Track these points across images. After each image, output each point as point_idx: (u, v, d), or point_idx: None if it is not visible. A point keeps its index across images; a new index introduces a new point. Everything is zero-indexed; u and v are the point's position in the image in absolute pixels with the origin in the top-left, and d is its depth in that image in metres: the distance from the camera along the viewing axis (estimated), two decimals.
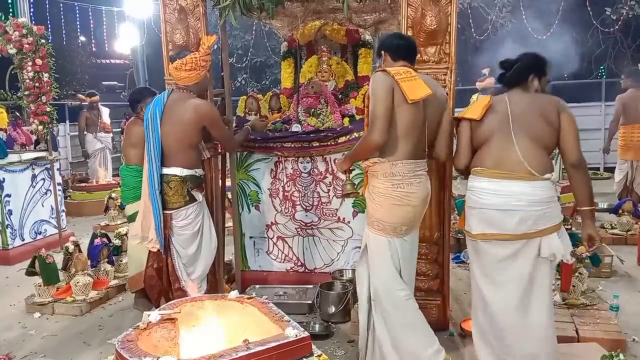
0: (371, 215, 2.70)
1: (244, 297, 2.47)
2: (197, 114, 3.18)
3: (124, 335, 2.13)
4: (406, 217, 2.65)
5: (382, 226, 2.65)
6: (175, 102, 3.23)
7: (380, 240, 2.68)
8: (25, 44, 5.42)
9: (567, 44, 10.17)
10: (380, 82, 2.57)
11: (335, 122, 4.18)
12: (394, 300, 2.69)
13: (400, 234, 2.67)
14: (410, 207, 2.64)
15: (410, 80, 2.58)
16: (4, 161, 5.56)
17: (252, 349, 1.93)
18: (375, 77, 2.62)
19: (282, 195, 4.25)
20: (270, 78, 13.91)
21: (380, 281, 2.71)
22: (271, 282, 4.27)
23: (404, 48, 2.77)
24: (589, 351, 3.00)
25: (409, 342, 2.68)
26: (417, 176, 2.65)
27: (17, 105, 6.31)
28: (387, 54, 2.77)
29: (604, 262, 4.43)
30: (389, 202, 2.62)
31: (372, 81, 2.62)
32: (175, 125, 3.20)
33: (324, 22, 4.68)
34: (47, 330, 3.88)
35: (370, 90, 2.60)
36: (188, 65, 3.22)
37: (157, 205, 3.23)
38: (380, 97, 2.55)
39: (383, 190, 2.63)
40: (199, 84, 3.33)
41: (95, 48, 15.29)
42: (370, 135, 2.56)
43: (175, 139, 3.22)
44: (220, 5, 3.46)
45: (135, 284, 3.95)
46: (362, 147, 2.67)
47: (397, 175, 2.61)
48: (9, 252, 5.54)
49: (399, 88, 2.54)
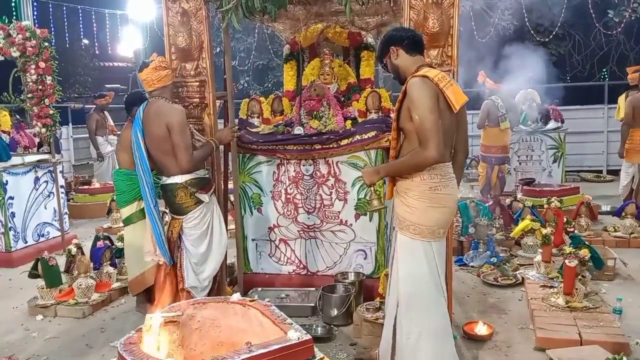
0: (404, 220, 2.60)
1: (246, 300, 2.47)
2: (164, 122, 3.21)
3: (127, 337, 2.13)
4: (443, 219, 2.60)
5: (419, 230, 2.56)
6: (152, 114, 3.28)
7: (416, 244, 2.59)
8: (28, 47, 5.44)
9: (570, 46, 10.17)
10: (424, 90, 2.44)
11: (337, 124, 4.18)
12: (427, 304, 2.61)
13: (437, 237, 2.61)
14: (447, 209, 2.60)
15: (451, 85, 2.48)
16: (7, 164, 5.58)
17: (255, 351, 1.93)
18: (415, 84, 2.46)
19: (284, 197, 4.25)
20: (273, 81, 13.91)
21: (411, 285, 2.61)
22: (273, 285, 4.27)
23: (419, 40, 2.67)
24: (592, 354, 2.99)
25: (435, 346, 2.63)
26: (451, 178, 2.62)
27: (20, 108, 6.32)
28: (399, 49, 2.61)
29: (607, 265, 4.42)
30: (425, 205, 2.54)
31: (413, 89, 2.46)
32: (156, 136, 3.26)
33: (327, 25, 4.69)
34: (49, 332, 3.88)
35: (412, 98, 2.45)
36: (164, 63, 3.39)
37: (154, 218, 3.29)
38: (428, 107, 2.41)
39: (419, 193, 2.54)
40: (169, 87, 3.38)
41: (98, 51, 15.34)
42: (427, 151, 2.41)
43: (161, 150, 3.28)
44: (222, 9, 3.47)
45: (136, 286, 3.95)
46: (415, 163, 2.50)
47: (435, 178, 2.54)
48: (12, 255, 5.55)
49: (443, 96, 2.46)
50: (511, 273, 4.56)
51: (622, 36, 11.38)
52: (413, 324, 2.62)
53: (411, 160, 2.51)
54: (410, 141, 2.58)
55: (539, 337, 3.33)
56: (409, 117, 2.51)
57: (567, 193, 6.48)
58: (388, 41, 2.67)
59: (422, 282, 2.60)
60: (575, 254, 3.73)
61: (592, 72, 12.23)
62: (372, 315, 3.47)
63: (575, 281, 3.69)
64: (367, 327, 3.43)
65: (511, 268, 4.69)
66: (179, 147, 3.20)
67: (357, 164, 4.05)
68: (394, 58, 2.65)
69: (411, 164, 2.52)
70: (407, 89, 2.51)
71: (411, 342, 2.61)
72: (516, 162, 8.30)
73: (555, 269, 4.31)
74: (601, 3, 10.81)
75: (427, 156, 2.43)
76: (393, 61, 2.66)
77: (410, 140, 2.57)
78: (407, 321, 2.62)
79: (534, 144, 8.24)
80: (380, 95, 4.25)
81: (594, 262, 4.12)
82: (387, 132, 3.96)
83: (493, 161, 7.02)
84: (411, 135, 2.55)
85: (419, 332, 2.60)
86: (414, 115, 2.45)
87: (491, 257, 4.79)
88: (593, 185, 9.12)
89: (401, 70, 2.66)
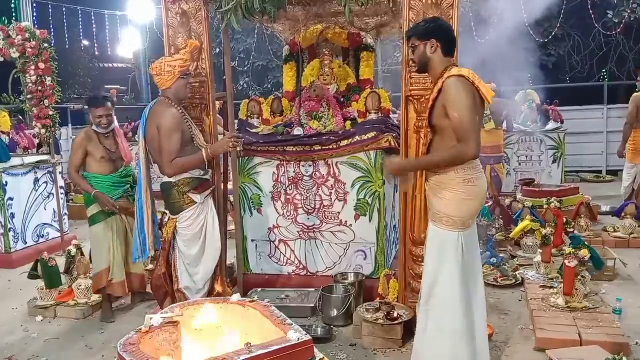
0: (438, 212, 2.67)
1: (246, 301, 2.47)
2: (156, 123, 3.25)
3: (126, 338, 2.14)
4: (474, 210, 2.67)
5: (452, 221, 2.63)
6: (152, 113, 3.31)
7: (448, 235, 2.65)
8: (28, 48, 5.45)
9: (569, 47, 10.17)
10: (464, 90, 2.51)
11: (337, 125, 4.19)
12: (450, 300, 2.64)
13: (468, 227, 2.67)
14: (478, 200, 2.67)
15: (480, 81, 2.57)
16: (7, 165, 5.58)
17: (255, 352, 1.93)
18: (455, 84, 2.52)
19: (284, 198, 4.25)
20: (273, 82, 13.92)
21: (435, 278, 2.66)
22: (273, 286, 4.27)
23: (455, 44, 2.74)
24: (592, 354, 2.99)
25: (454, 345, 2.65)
26: (481, 171, 2.69)
27: (20, 109, 6.34)
28: (439, 44, 2.62)
29: (607, 265, 4.42)
30: (459, 197, 2.60)
31: (453, 88, 2.51)
32: (151, 135, 3.30)
33: (326, 26, 4.69)
34: (49, 333, 3.88)
35: (453, 97, 2.51)
36: (155, 70, 3.32)
37: (138, 213, 3.39)
38: (468, 107, 2.49)
39: (454, 185, 2.60)
40: (172, 90, 3.34)
41: (98, 52, 15.35)
42: (468, 149, 2.48)
43: (153, 149, 3.33)
44: (222, 10, 3.47)
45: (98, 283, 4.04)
46: (454, 158, 2.56)
47: (469, 171, 2.60)
48: (11, 256, 5.55)
49: (478, 93, 2.54)
50: (511, 273, 4.56)
51: (622, 37, 11.38)
52: (431, 318, 2.67)
53: (450, 156, 2.57)
54: (443, 137, 2.64)
55: (539, 338, 3.33)
56: (444, 114, 2.56)
57: (567, 193, 6.48)
58: (434, 32, 2.64)
59: (447, 277, 2.64)
60: (575, 254, 3.73)
61: (592, 73, 12.23)
62: (372, 316, 3.47)
63: (575, 281, 3.69)
64: (367, 327, 3.43)
65: (511, 268, 4.69)
66: (162, 151, 3.24)
67: (357, 165, 4.05)
68: (430, 50, 2.65)
69: (449, 160, 2.58)
70: (444, 88, 2.55)
71: (428, 337, 2.67)
72: (516, 162, 8.31)
73: (555, 269, 4.31)
74: (601, 4, 10.82)
75: (468, 153, 2.50)
76: (428, 52, 2.65)
77: (443, 137, 2.63)
78: (425, 314, 2.69)
79: (533, 144, 8.24)
80: (380, 95, 4.25)
81: (594, 262, 4.12)
82: (386, 133, 3.96)
83: (484, 161, 7.05)
84: (444, 132, 2.62)
85: (437, 327, 2.65)
86: (452, 114, 2.50)
87: (491, 258, 4.79)
88: (593, 185, 9.12)
89: (430, 64, 2.68)
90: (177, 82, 3.32)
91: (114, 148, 4.05)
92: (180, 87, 3.37)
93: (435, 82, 2.64)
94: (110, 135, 4.06)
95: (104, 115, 3.95)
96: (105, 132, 4.02)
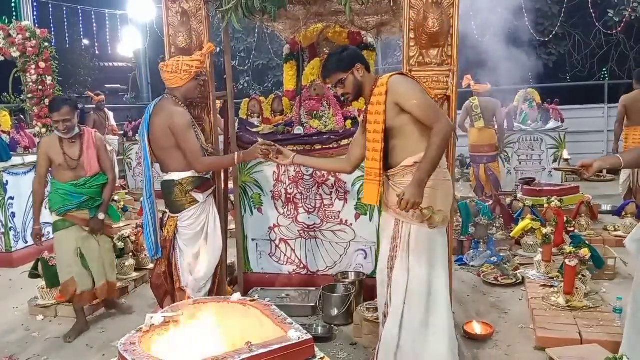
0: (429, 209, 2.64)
1: (247, 300, 2.47)
2: (167, 122, 3.22)
3: (127, 337, 2.13)
4: (449, 206, 2.68)
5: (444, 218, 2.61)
6: (158, 110, 3.28)
7: (434, 233, 2.59)
8: (28, 47, 5.46)
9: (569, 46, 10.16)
10: (410, 81, 2.61)
11: (337, 124, 4.19)
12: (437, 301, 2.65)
13: (445, 224, 2.63)
14: (451, 196, 2.69)
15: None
16: (8, 164, 5.57)
17: (255, 351, 1.93)
18: (399, 79, 2.59)
19: (284, 197, 4.25)
20: (273, 80, 13.93)
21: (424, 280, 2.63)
22: (274, 285, 4.27)
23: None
24: (592, 353, 2.99)
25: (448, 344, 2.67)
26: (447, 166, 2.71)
27: (20, 108, 6.34)
28: (362, 67, 2.72)
29: (607, 264, 4.42)
30: (443, 194, 2.62)
31: (399, 83, 2.56)
32: (157, 133, 3.27)
33: (326, 25, 4.69)
34: (50, 332, 3.89)
35: (403, 90, 2.54)
36: (169, 67, 3.29)
37: (147, 210, 3.35)
38: (421, 90, 2.57)
39: (436, 183, 2.56)
40: (182, 90, 3.32)
41: (98, 51, 15.37)
42: (444, 126, 2.45)
43: (160, 147, 3.30)
44: (222, 9, 3.47)
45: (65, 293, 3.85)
46: (441, 140, 2.44)
47: (443, 167, 2.63)
48: (12, 255, 5.55)
49: None
50: (511, 272, 4.56)
51: (622, 36, 11.38)
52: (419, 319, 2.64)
53: (437, 140, 2.43)
54: (405, 135, 2.59)
55: (539, 337, 3.33)
56: (397, 112, 2.55)
57: (567, 192, 6.48)
58: (354, 58, 2.71)
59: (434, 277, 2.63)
60: (576, 253, 3.73)
61: (592, 72, 12.23)
62: (373, 315, 3.47)
63: (575, 280, 3.69)
64: (367, 326, 3.43)
65: (511, 267, 4.69)
66: (188, 152, 3.22)
67: None
68: (359, 75, 2.70)
69: (440, 145, 2.44)
70: (390, 87, 2.56)
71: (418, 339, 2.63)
72: (516, 161, 8.31)
73: (556, 268, 4.31)
74: (601, 2, 10.81)
75: (447, 129, 2.49)
76: (358, 78, 2.70)
77: (405, 134, 2.59)
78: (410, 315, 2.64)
79: (534, 143, 8.25)
80: None
81: (594, 261, 4.12)
82: None
83: (477, 160, 7.10)
84: (404, 130, 2.58)
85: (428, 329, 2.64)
86: (410, 103, 2.51)
87: (491, 257, 4.79)
88: (593, 184, 9.11)
89: (363, 86, 2.72)
90: (190, 82, 3.32)
91: (76, 156, 3.77)
92: (192, 88, 3.38)
93: (370, 96, 2.65)
94: (76, 141, 3.78)
95: (59, 120, 3.65)
96: (68, 138, 3.74)
